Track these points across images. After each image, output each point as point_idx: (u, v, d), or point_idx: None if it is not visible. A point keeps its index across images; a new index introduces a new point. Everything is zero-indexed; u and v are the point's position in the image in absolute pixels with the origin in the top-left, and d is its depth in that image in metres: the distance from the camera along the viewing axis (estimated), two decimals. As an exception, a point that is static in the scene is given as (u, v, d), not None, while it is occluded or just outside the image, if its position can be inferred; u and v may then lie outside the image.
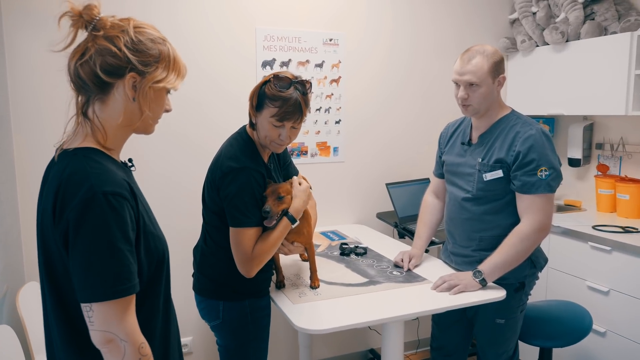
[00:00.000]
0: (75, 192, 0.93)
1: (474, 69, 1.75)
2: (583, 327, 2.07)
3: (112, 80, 1.00)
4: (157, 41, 1.04)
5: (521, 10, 2.98)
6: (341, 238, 2.54)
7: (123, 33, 1.00)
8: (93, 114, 1.02)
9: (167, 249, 1.13)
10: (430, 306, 1.69)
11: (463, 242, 1.94)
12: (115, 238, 0.93)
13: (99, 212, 0.92)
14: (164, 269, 1.11)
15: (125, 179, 1.01)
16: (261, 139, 1.60)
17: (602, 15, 2.67)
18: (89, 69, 0.99)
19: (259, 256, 1.54)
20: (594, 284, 2.45)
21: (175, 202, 2.49)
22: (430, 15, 2.97)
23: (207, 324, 1.73)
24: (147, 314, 1.05)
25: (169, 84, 1.06)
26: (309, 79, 2.66)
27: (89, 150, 1.00)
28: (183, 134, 2.49)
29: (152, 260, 1.05)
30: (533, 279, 1.92)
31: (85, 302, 0.92)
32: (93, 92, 1.01)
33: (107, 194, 0.93)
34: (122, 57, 0.99)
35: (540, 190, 1.73)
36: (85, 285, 0.92)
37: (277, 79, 1.54)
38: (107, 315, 0.92)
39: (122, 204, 0.95)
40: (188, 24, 2.44)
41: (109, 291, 0.91)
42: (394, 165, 2.98)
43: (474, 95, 1.78)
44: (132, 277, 0.95)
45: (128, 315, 0.94)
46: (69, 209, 0.92)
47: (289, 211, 1.61)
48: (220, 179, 1.55)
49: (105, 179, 0.95)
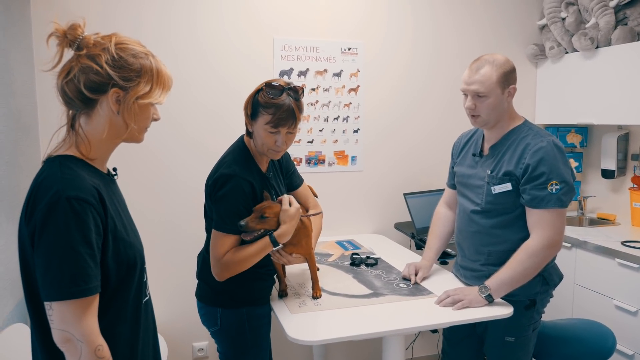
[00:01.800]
0: (43, 196, 0.98)
1: (482, 78, 1.71)
2: (605, 348, 1.95)
3: (96, 97, 1.05)
4: (139, 56, 1.08)
5: (550, 15, 2.87)
6: (356, 248, 2.52)
7: (104, 51, 1.05)
8: (79, 127, 1.08)
9: (140, 257, 1.15)
10: (432, 321, 1.65)
11: (472, 255, 1.88)
12: (75, 241, 0.96)
13: (61, 216, 0.96)
14: (135, 275, 1.13)
15: (95, 186, 1.04)
16: (258, 147, 1.62)
17: (635, 19, 2.53)
18: (74, 87, 1.05)
19: (228, 264, 1.54)
20: (622, 303, 2.31)
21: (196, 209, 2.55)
22: (454, 23, 2.92)
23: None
24: (112, 319, 1.07)
25: (154, 99, 1.10)
26: (326, 87, 2.69)
27: (66, 158, 1.05)
28: (202, 142, 2.55)
29: (122, 265, 1.08)
30: (546, 296, 1.83)
31: (46, 300, 0.96)
32: (79, 107, 1.07)
33: (71, 198, 0.97)
34: (104, 74, 1.04)
35: (550, 205, 1.65)
36: (45, 284, 0.96)
37: (269, 87, 1.56)
38: (65, 314, 0.95)
39: (85, 208, 0.98)
40: (207, 35, 2.51)
41: (65, 291, 0.95)
42: (413, 175, 2.94)
43: (481, 106, 1.73)
44: (90, 279, 0.98)
45: (87, 316, 0.97)
46: (37, 211, 0.98)
47: (273, 234, 1.59)
48: (210, 186, 1.59)
49: (72, 184, 0.99)
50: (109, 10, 2.35)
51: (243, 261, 1.56)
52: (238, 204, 1.55)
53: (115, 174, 1.21)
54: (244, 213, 1.57)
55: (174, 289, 2.57)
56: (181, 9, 2.46)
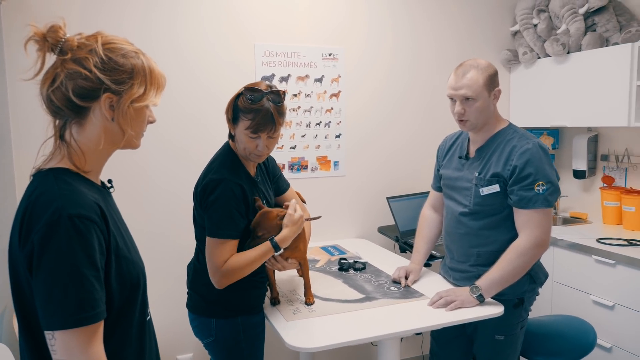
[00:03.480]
0: (41, 214, 0.89)
1: (469, 82, 1.74)
2: (587, 342, 2.02)
3: (87, 104, 0.97)
4: (129, 55, 1.00)
5: (522, 22, 2.97)
6: (341, 253, 2.53)
7: (91, 53, 0.96)
8: (70, 137, 0.99)
9: (142, 274, 1.08)
10: (427, 322, 1.67)
11: (461, 257, 1.91)
12: (80, 263, 0.88)
13: (63, 236, 0.87)
14: (139, 295, 1.06)
15: (96, 202, 0.96)
16: (240, 150, 1.61)
17: (604, 26, 2.65)
18: (62, 95, 0.95)
19: (230, 271, 1.52)
20: (599, 298, 2.40)
21: (177, 217, 2.50)
22: (432, 29, 2.98)
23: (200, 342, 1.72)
24: (117, 343, 1.00)
25: (149, 101, 1.03)
26: (308, 93, 2.69)
27: (61, 171, 0.97)
28: (183, 149, 2.50)
29: (125, 286, 1.00)
30: (533, 294, 1.89)
31: (48, 329, 0.87)
32: (69, 116, 0.98)
33: (73, 216, 0.89)
34: (94, 79, 0.95)
35: (538, 205, 1.70)
36: (47, 312, 0.87)
37: (248, 90, 1.54)
38: (70, 344, 0.87)
39: (89, 227, 0.91)
40: (188, 41, 2.47)
41: (71, 319, 0.87)
42: (395, 179, 2.97)
43: (470, 110, 1.77)
44: (97, 304, 0.90)
45: (93, 344, 0.89)
46: (34, 232, 0.88)
47: (274, 238, 1.58)
48: (200, 193, 1.56)
49: (72, 201, 0.91)
50: (87, 15, 2.27)
51: (244, 267, 1.53)
52: (231, 207, 1.53)
53: (111, 186, 1.13)
54: (238, 217, 1.54)
55: (158, 301, 2.51)
56: (162, 15, 2.42)
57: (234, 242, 1.54)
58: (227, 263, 1.51)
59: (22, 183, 2.24)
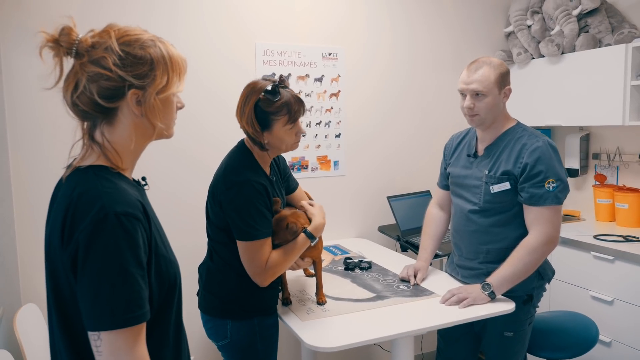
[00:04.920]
0: (85, 212, 0.87)
1: (481, 78, 1.76)
2: (590, 337, 2.06)
3: (115, 104, 0.94)
4: (146, 45, 0.96)
5: (516, 23, 3.02)
6: (344, 252, 2.52)
7: (107, 51, 0.92)
8: (102, 138, 0.96)
9: (179, 273, 1.06)
10: (441, 320, 1.67)
11: (470, 254, 1.93)
12: (127, 262, 0.86)
13: (110, 234, 0.86)
14: (175, 294, 1.04)
15: (139, 199, 0.95)
16: (282, 150, 1.62)
17: (596, 27, 2.71)
18: (87, 99, 0.93)
19: (273, 267, 1.53)
20: (598, 293, 2.45)
21: (176, 219, 2.46)
22: (428, 30, 3.00)
23: (213, 343, 1.69)
24: (156, 343, 0.98)
25: (174, 89, 1.00)
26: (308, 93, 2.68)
27: (100, 169, 0.95)
28: (183, 148, 2.46)
29: (163, 285, 0.99)
30: (541, 290, 1.91)
31: (93, 330, 0.85)
32: (97, 118, 0.96)
33: (120, 214, 0.87)
34: (116, 78, 0.92)
35: (548, 202, 1.73)
36: (94, 312, 0.85)
37: (268, 93, 1.52)
38: (117, 345, 0.85)
39: (135, 225, 0.89)
40: (189, 39, 2.43)
41: (120, 319, 0.85)
42: (395, 179, 2.98)
43: (480, 105, 1.78)
44: (144, 303, 0.89)
45: (138, 344, 0.88)
46: (79, 231, 0.86)
47: (307, 229, 1.60)
48: (222, 194, 1.53)
49: (117, 199, 0.89)
50: (86, 13, 2.22)
51: (285, 262, 1.56)
52: (261, 206, 1.52)
53: (145, 183, 1.11)
54: (268, 214, 1.55)
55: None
56: (162, 13, 2.37)
57: (270, 239, 1.55)
58: (269, 261, 1.52)
59: (19, 183, 2.18)
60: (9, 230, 2.12)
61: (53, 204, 0.99)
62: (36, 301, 2.15)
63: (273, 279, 1.55)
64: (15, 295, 2.16)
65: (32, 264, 2.22)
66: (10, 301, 2.07)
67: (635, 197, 2.68)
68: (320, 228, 1.65)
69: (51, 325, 1.00)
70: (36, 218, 2.20)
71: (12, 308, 2.03)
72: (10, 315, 1.97)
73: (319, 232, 1.64)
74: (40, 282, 2.26)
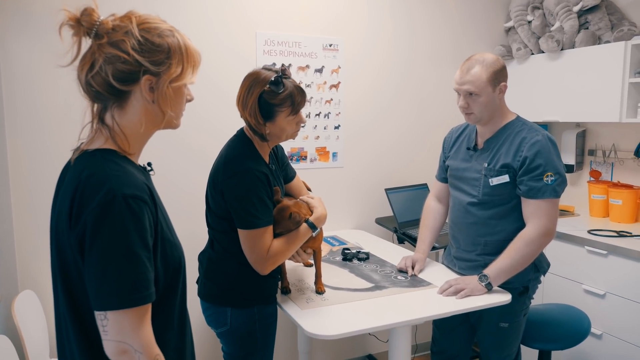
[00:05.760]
0: (93, 194, 0.88)
1: (473, 78, 1.77)
2: (582, 330, 2.09)
3: (128, 88, 0.96)
4: (164, 34, 0.98)
5: (517, 18, 3.03)
6: (342, 243, 2.54)
7: (127, 35, 0.94)
8: (112, 121, 0.98)
9: (183, 257, 1.08)
10: (438, 310, 1.70)
11: (467, 246, 1.95)
12: (134, 244, 0.88)
13: (118, 216, 0.87)
14: (180, 278, 1.06)
15: (146, 183, 0.97)
16: (281, 139, 1.63)
17: (596, 24, 2.72)
18: (102, 80, 0.94)
19: (275, 256, 1.55)
20: (591, 287, 2.48)
21: (176, 207, 2.46)
22: (428, 23, 3.00)
23: (212, 330, 1.71)
24: (161, 325, 1.00)
25: (187, 80, 1.02)
26: (308, 83, 2.68)
27: (108, 152, 0.96)
28: (183, 137, 2.46)
29: (168, 268, 1.01)
30: (536, 283, 1.94)
31: (100, 310, 0.87)
32: (109, 100, 0.97)
33: (127, 197, 0.89)
34: (132, 62, 0.94)
35: (546, 195, 1.75)
36: (101, 292, 0.87)
37: (273, 84, 1.52)
38: (122, 324, 0.87)
39: (142, 208, 0.91)
40: (190, 28, 2.41)
41: (126, 299, 0.87)
42: (393, 171, 2.99)
43: (474, 104, 1.80)
44: (150, 284, 0.91)
45: (144, 325, 0.90)
46: (87, 212, 0.88)
47: (309, 219, 1.62)
48: (223, 183, 1.54)
49: (125, 182, 0.91)
50: None
51: (286, 251, 1.58)
52: (262, 195, 1.53)
53: (151, 169, 1.12)
54: (269, 203, 1.56)
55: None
56: (165, 1, 2.36)
57: (271, 227, 1.56)
58: (270, 249, 1.53)
59: (16, 171, 2.17)
60: (6, 218, 2.12)
61: (60, 186, 1.00)
62: (34, 287, 2.15)
63: (274, 267, 1.56)
64: (12, 282, 2.16)
65: (30, 251, 2.21)
66: (8, 288, 2.07)
67: (629, 194, 2.72)
68: (322, 219, 1.66)
69: (57, 307, 1.01)
70: (34, 205, 2.19)
71: (10, 294, 2.03)
72: (9, 301, 1.97)
73: (320, 222, 1.65)
74: (37, 268, 2.27)
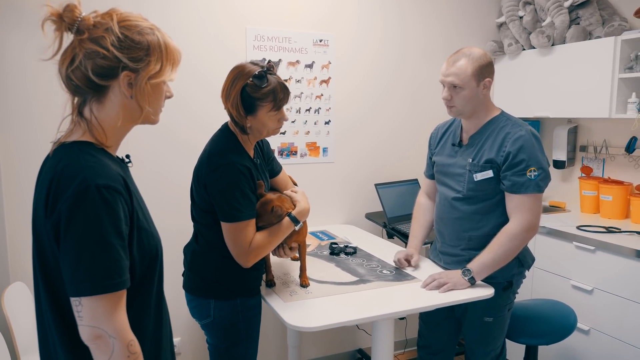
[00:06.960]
0: (68, 184, 0.91)
1: (457, 71, 1.78)
2: (568, 325, 2.10)
3: (107, 83, 0.99)
4: (144, 32, 1.01)
5: (508, 14, 3.03)
6: (330, 238, 2.55)
7: (108, 32, 0.97)
8: (90, 114, 1.01)
9: (160, 247, 1.11)
10: (420, 304, 1.71)
11: (452, 241, 1.96)
12: (107, 232, 0.91)
13: (91, 205, 0.90)
14: (157, 266, 1.09)
15: (120, 174, 1.00)
16: (262, 135, 1.64)
17: (587, 19, 2.72)
18: (81, 74, 0.97)
19: (257, 249, 1.56)
20: (579, 283, 2.49)
21: (164, 200, 2.48)
22: (419, 18, 3.00)
23: (197, 322, 1.72)
24: (137, 313, 1.03)
25: (166, 77, 1.05)
26: (298, 79, 2.69)
27: (84, 144, 0.99)
28: (172, 131, 2.47)
29: (145, 257, 1.04)
30: (521, 277, 1.95)
31: (74, 296, 0.91)
32: (88, 94, 1.00)
33: (101, 187, 0.92)
34: (112, 58, 0.97)
35: (530, 190, 1.76)
36: (75, 279, 0.90)
37: (256, 78, 1.53)
38: (96, 310, 0.90)
39: (115, 197, 0.94)
40: (179, 23, 2.43)
41: (99, 285, 0.90)
42: (383, 166, 3.00)
43: (457, 97, 1.81)
44: (123, 272, 0.94)
45: (118, 311, 0.93)
46: (61, 201, 0.91)
47: (292, 213, 1.63)
48: (207, 176, 1.55)
49: (99, 172, 0.94)
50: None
51: (268, 244, 1.59)
52: (245, 188, 1.54)
53: (129, 161, 1.14)
54: (252, 196, 1.57)
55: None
56: (151, -6, 2.37)
57: (254, 220, 1.57)
58: (252, 242, 1.55)
59: (7, 163, 2.18)
60: (-4, 209, 2.13)
61: (40, 177, 1.03)
62: (24, 279, 2.17)
63: (256, 260, 1.58)
64: (4, 274, 2.17)
65: (20, 243, 2.23)
66: (-3, 279, 2.09)
67: (619, 190, 2.72)
68: (305, 213, 1.68)
69: (37, 294, 1.04)
70: (24, 197, 2.21)
71: (1, 286, 2.05)
72: (-3, 293, 1.98)
73: (303, 216, 1.66)
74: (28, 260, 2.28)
